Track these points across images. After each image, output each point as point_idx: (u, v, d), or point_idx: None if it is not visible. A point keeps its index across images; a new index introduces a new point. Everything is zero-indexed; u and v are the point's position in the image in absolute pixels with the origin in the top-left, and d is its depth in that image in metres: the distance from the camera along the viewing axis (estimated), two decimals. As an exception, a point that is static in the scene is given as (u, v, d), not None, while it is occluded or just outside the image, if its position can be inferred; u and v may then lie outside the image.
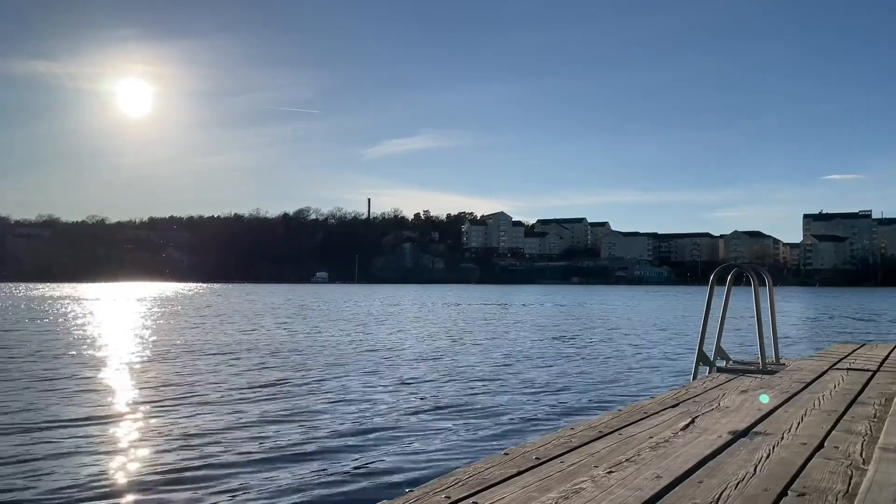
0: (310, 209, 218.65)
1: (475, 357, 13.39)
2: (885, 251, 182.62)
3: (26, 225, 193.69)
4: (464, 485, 2.40)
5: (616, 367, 11.94)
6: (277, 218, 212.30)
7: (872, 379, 5.24)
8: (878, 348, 7.88)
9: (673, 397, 4.40)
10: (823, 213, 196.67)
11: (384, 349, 14.84)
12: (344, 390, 9.17)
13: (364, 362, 12.39)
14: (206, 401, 8.26)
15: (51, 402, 8.09)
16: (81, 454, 5.73)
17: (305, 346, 15.46)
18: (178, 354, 13.40)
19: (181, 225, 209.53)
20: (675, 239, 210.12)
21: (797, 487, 2.39)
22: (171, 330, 20.08)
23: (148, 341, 16.27)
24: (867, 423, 3.50)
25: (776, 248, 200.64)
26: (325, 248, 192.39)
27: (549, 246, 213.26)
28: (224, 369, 11.21)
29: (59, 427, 6.72)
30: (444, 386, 9.64)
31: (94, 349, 14.32)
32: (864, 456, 2.83)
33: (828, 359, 6.70)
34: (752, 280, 6.48)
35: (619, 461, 2.75)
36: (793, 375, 5.47)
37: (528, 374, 10.90)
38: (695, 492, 2.36)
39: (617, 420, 3.60)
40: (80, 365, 11.60)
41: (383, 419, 7.26)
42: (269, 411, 7.65)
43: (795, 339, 18.03)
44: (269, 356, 13.22)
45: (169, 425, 6.85)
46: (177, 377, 10.25)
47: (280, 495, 4.75)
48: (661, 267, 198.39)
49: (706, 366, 6.08)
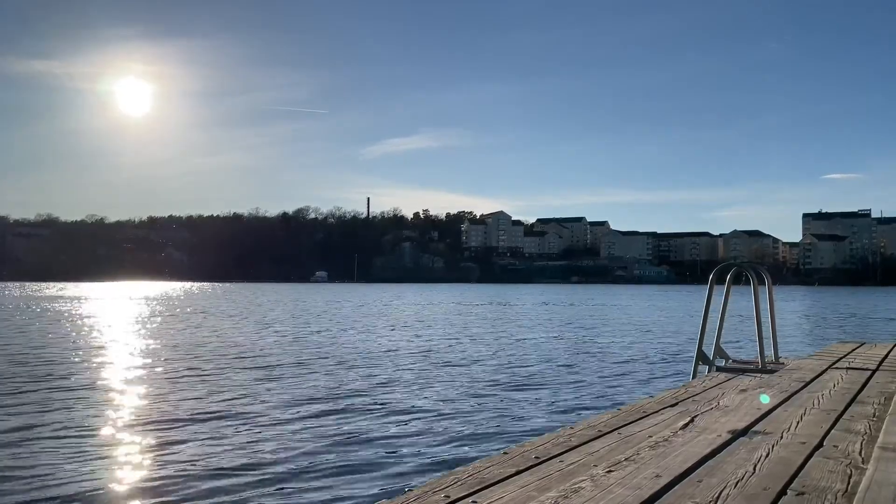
0: (309, 209, 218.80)
1: (474, 357, 13.39)
2: (884, 250, 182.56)
3: (26, 224, 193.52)
4: (463, 484, 2.40)
5: (615, 367, 11.94)
6: (277, 217, 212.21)
7: (872, 378, 5.24)
8: (878, 347, 7.88)
9: (672, 396, 4.40)
10: (823, 213, 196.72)
11: (384, 349, 14.83)
12: (344, 390, 9.16)
13: (364, 363, 12.39)
14: (203, 400, 8.26)
15: (51, 403, 8.09)
16: (81, 456, 5.73)
17: (307, 346, 15.46)
18: (180, 357, 13.39)
19: (181, 224, 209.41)
20: (674, 238, 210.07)
21: (796, 486, 2.39)
22: (176, 332, 20.07)
23: (149, 342, 16.26)
24: (866, 423, 3.50)
25: (776, 248, 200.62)
26: (324, 248, 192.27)
27: (548, 245, 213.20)
28: (225, 370, 11.20)
29: (61, 430, 6.72)
30: (443, 386, 9.64)
31: (95, 350, 14.31)
32: (863, 455, 2.82)
33: (827, 358, 6.70)
34: (752, 279, 6.47)
35: (618, 460, 2.75)
36: (792, 375, 5.46)
37: (526, 374, 10.90)
38: (694, 491, 2.35)
39: (616, 419, 3.60)
40: (79, 366, 11.59)
41: (382, 418, 7.25)
42: (267, 411, 7.64)
43: (795, 338, 18.04)
44: (268, 357, 13.22)
45: (170, 424, 6.85)
46: (178, 381, 10.25)
47: (280, 495, 4.74)
48: (660, 266, 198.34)
49: (705, 365, 6.07)
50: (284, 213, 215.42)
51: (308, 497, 4.72)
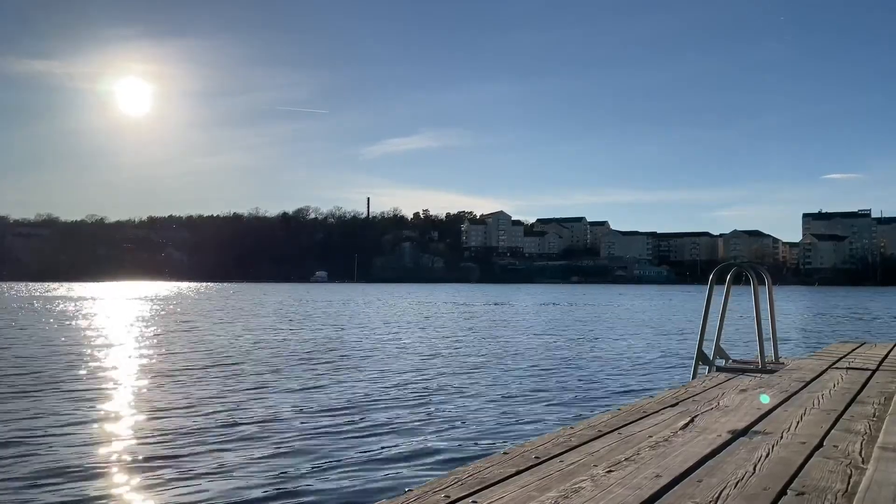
0: (309, 209, 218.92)
1: (474, 357, 13.39)
2: (884, 250, 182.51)
3: (26, 224, 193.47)
4: (463, 484, 2.40)
5: (615, 367, 11.94)
6: (277, 217, 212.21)
7: (872, 378, 5.24)
8: (878, 347, 7.88)
9: (672, 396, 4.40)
10: (823, 213, 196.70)
11: (384, 350, 14.83)
12: (344, 390, 9.16)
13: (364, 363, 12.39)
14: (203, 401, 8.26)
15: (50, 406, 8.09)
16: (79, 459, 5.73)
17: (309, 347, 15.46)
18: (183, 359, 13.40)
19: (181, 224, 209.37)
20: (674, 238, 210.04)
21: (796, 486, 2.39)
22: (180, 334, 20.07)
23: (150, 345, 16.26)
24: (866, 423, 3.50)
25: (776, 248, 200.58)
26: (324, 248, 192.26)
27: (548, 245, 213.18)
28: (226, 372, 11.21)
29: (60, 429, 6.72)
30: (443, 386, 9.64)
31: (96, 352, 14.31)
32: (863, 455, 2.82)
33: (827, 358, 6.70)
34: (752, 279, 6.47)
35: (618, 460, 2.75)
36: (792, 375, 5.47)
37: (527, 374, 10.90)
38: (694, 491, 2.35)
39: (616, 419, 3.60)
40: (80, 368, 11.59)
41: (382, 419, 7.25)
42: (265, 412, 7.64)
43: (795, 338, 18.03)
44: (265, 358, 13.22)
45: (168, 427, 6.85)
46: (180, 385, 10.25)
47: (279, 495, 4.74)
48: (660, 266, 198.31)
49: (706, 365, 6.08)
50: (284, 213, 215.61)
51: (308, 497, 4.72)
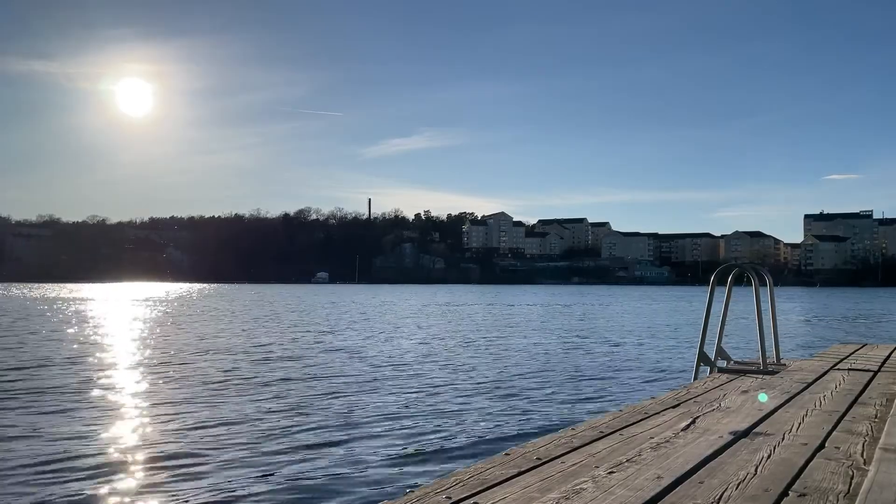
0: (310, 209, 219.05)
1: (475, 358, 13.39)
2: (885, 251, 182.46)
3: (26, 225, 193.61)
4: (464, 485, 2.40)
5: (617, 368, 11.93)
6: (278, 218, 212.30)
7: (873, 379, 5.24)
8: (879, 348, 7.87)
9: (674, 398, 4.40)
10: (824, 213, 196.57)
11: (384, 350, 14.84)
12: (344, 390, 9.16)
13: (364, 363, 12.39)
14: (199, 399, 8.26)
15: (51, 408, 8.10)
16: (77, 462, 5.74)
17: (309, 347, 15.47)
18: (185, 360, 13.40)
19: (181, 225, 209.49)
20: (675, 239, 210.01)
21: (798, 488, 2.39)
22: (184, 335, 20.08)
23: (153, 347, 16.27)
24: (868, 424, 3.50)
25: (777, 248, 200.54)
26: (325, 248, 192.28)
27: (549, 246, 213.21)
28: (226, 372, 11.21)
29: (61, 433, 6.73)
30: (444, 386, 9.64)
31: (97, 354, 14.32)
32: (865, 456, 2.82)
33: (828, 359, 6.70)
34: (753, 280, 6.47)
35: (619, 461, 2.75)
36: (794, 376, 5.46)
37: (528, 375, 10.89)
38: (696, 492, 2.35)
39: (618, 420, 3.60)
40: (80, 370, 11.60)
41: (382, 419, 7.25)
42: (264, 412, 7.65)
43: (796, 339, 18.02)
44: (266, 359, 13.23)
45: (168, 427, 6.86)
46: (181, 384, 10.26)
47: (279, 495, 4.74)
48: (661, 267, 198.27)
49: (707, 366, 6.07)
50: (285, 214, 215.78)
51: (308, 498, 4.72)
